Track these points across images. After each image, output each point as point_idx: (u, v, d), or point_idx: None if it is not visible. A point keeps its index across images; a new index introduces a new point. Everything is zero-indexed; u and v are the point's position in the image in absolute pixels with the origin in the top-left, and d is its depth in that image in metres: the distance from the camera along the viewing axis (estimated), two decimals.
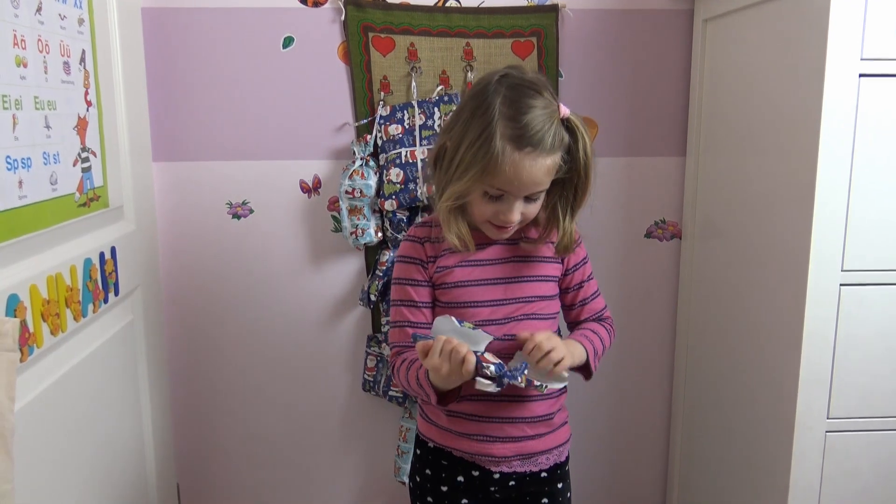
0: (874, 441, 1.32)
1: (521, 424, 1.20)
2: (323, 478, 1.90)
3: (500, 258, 1.19)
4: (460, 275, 1.18)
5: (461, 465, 1.22)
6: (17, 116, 1.05)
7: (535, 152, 1.05)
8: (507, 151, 1.04)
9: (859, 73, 1.19)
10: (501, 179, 1.06)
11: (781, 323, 1.34)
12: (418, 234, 1.22)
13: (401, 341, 1.20)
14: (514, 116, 1.05)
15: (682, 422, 1.86)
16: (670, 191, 1.82)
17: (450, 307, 1.18)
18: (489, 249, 1.19)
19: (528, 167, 1.05)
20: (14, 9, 1.05)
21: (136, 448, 1.53)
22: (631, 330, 1.88)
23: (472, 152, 1.06)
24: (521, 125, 1.04)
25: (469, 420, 1.19)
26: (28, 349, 1.04)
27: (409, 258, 1.21)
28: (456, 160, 1.09)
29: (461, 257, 1.18)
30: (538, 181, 1.08)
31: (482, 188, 1.09)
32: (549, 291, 1.21)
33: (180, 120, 1.71)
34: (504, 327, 1.17)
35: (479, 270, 1.18)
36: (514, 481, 1.22)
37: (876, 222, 1.24)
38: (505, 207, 1.10)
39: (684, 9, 1.74)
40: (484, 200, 1.10)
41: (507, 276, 1.19)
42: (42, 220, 1.13)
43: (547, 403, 1.21)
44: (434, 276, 1.19)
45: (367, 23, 1.67)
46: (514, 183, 1.06)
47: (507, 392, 1.10)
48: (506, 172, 1.05)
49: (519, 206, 1.10)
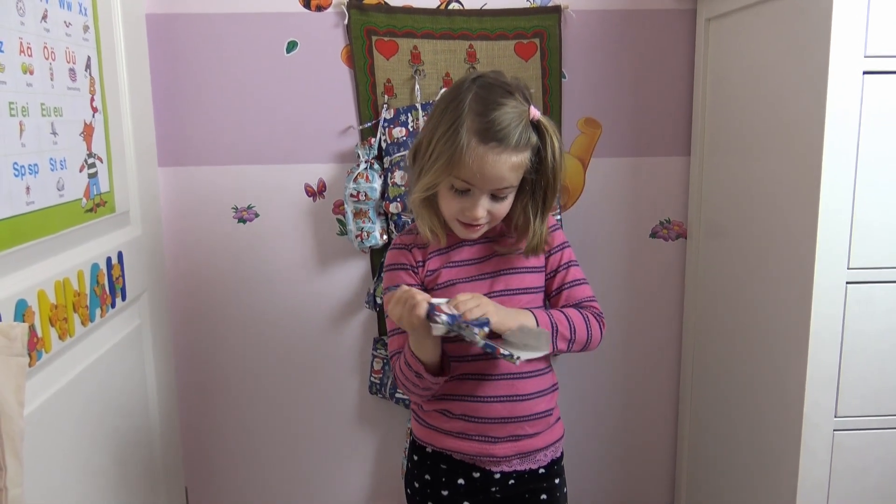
0: (882, 439, 1.32)
1: (521, 423, 1.20)
2: (330, 480, 1.91)
3: (483, 256, 1.22)
4: (446, 275, 1.20)
5: (461, 468, 1.23)
6: (23, 123, 1.05)
7: (499, 147, 1.07)
8: (472, 145, 1.07)
9: (863, 71, 1.19)
10: (466, 172, 1.08)
11: (788, 321, 1.34)
12: (405, 241, 1.24)
13: (399, 348, 1.21)
14: (482, 112, 1.08)
15: (690, 421, 1.85)
16: (675, 191, 1.82)
17: None
18: (471, 248, 1.22)
19: (491, 161, 1.07)
20: (20, 17, 1.06)
21: (144, 451, 1.54)
22: (637, 330, 1.87)
23: (440, 144, 1.09)
24: (488, 120, 1.07)
25: (469, 421, 1.20)
26: (36, 354, 1.05)
27: (397, 265, 1.23)
28: (427, 152, 1.12)
29: (444, 259, 1.21)
30: (502, 176, 1.09)
31: (449, 181, 1.11)
32: (535, 283, 1.22)
33: (185, 125, 1.71)
34: None
35: (464, 270, 1.21)
36: (514, 480, 1.22)
37: (881, 219, 1.24)
38: (470, 203, 1.12)
39: (687, 8, 1.74)
40: (451, 195, 1.13)
41: (491, 271, 1.21)
42: (49, 225, 1.14)
43: (545, 400, 1.22)
44: (425, 279, 1.21)
45: (371, 26, 1.68)
46: (477, 176, 1.08)
47: (507, 392, 1.14)
48: (470, 165, 1.07)
49: (484, 203, 1.12)
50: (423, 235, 1.18)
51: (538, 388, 1.21)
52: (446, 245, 1.21)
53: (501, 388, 1.19)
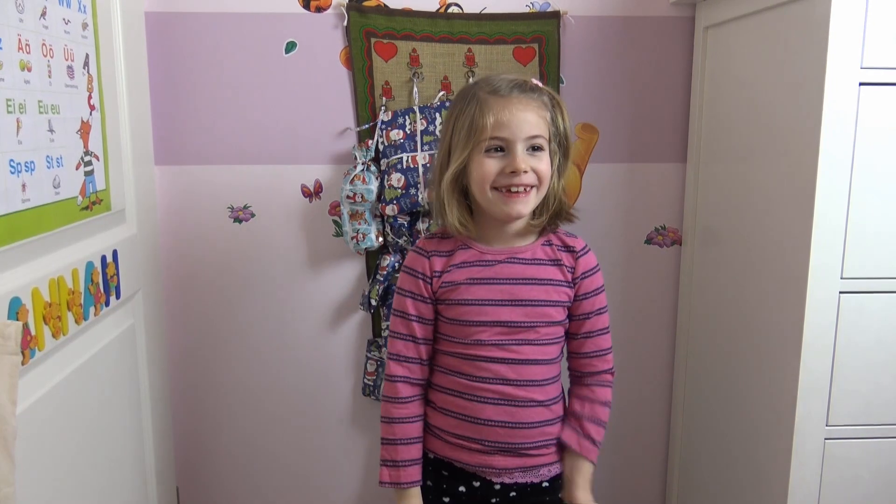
0: (873, 448, 1.32)
1: (523, 447, 1.18)
2: (323, 482, 1.90)
3: (510, 278, 1.17)
4: (464, 292, 1.16)
5: (462, 476, 1.22)
6: (20, 120, 1.05)
7: (520, 95, 1.10)
8: (491, 101, 1.10)
9: (859, 82, 1.20)
10: (494, 124, 1.08)
11: (781, 330, 1.35)
12: (426, 248, 1.20)
13: (396, 352, 1.20)
14: (489, 82, 1.13)
15: (682, 429, 1.86)
16: (671, 197, 1.82)
17: (454, 324, 1.17)
18: (498, 267, 1.17)
19: (515, 105, 1.09)
20: (19, 13, 1.05)
21: (136, 451, 1.53)
22: (631, 336, 1.88)
23: (461, 129, 1.11)
24: (498, 83, 1.12)
25: (468, 440, 1.18)
26: (30, 352, 1.05)
27: (411, 270, 1.20)
28: (452, 149, 1.13)
29: (469, 274, 1.17)
30: (530, 121, 1.10)
31: (480, 147, 1.10)
32: (557, 316, 1.19)
33: (183, 124, 1.71)
34: (505, 350, 1.16)
35: (485, 289, 1.16)
36: (515, 492, 1.21)
37: (875, 230, 1.25)
38: (511, 156, 1.10)
39: (685, 16, 1.74)
40: (485, 159, 1.10)
41: (515, 299, 1.16)
42: (45, 223, 1.13)
43: (551, 429, 1.20)
44: (438, 290, 1.18)
45: (370, 28, 1.68)
46: (506, 125, 1.08)
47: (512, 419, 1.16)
48: (497, 115, 1.08)
49: (523, 154, 1.10)
50: (451, 227, 1.15)
51: (543, 418, 1.19)
52: (471, 258, 1.17)
53: (501, 413, 1.16)
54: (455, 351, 1.18)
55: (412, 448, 1.20)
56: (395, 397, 1.20)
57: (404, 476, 1.19)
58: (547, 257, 1.19)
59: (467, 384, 1.17)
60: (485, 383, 1.17)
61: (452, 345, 1.19)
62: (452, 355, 1.19)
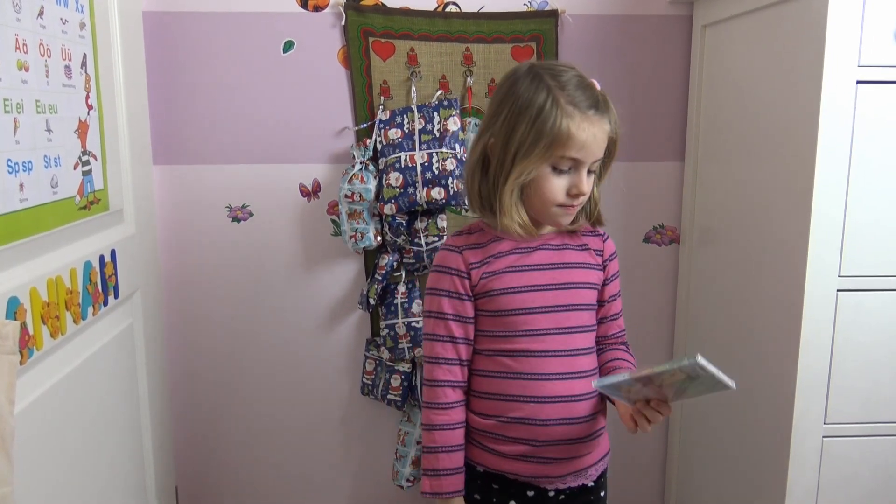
0: (871, 446, 1.32)
1: (578, 445, 1.17)
2: (321, 481, 1.90)
3: (549, 264, 1.15)
4: (508, 281, 1.14)
5: (514, 487, 1.18)
6: (18, 120, 1.05)
7: (595, 115, 1.07)
8: (574, 114, 1.06)
9: (857, 80, 1.20)
10: (573, 146, 1.06)
11: (779, 328, 1.35)
12: (456, 244, 1.17)
13: (434, 355, 1.16)
14: (562, 84, 1.08)
15: (680, 427, 1.86)
16: (669, 196, 1.83)
17: (500, 316, 1.14)
18: (536, 254, 1.16)
19: (594, 128, 1.07)
20: (16, 13, 1.05)
21: (135, 450, 1.53)
22: (629, 334, 1.86)
23: (534, 130, 1.06)
24: (576, 95, 1.07)
25: (528, 445, 1.15)
26: (28, 352, 1.05)
27: (444, 268, 1.16)
28: (513, 146, 1.08)
29: (509, 262, 1.15)
30: (601, 145, 1.09)
31: (551, 162, 1.07)
32: (592, 300, 1.19)
33: (181, 123, 1.71)
34: (556, 340, 1.14)
35: (526, 276, 1.14)
36: (565, 496, 1.19)
37: (873, 228, 1.25)
38: (576, 178, 1.09)
39: (683, 14, 1.74)
40: (553, 176, 1.09)
41: (559, 283, 1.15)
42: (42, 223, 1.13)
43: (599, 420, 1.19)
44: (478, 283, 1.14)
45: (368, 27, 1.68)
46: (584, 147, 1.06)
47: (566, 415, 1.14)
48: (577, 136, 1.06)
49: (586, 177, 1.10)
50: (510, 231, 1.12)
51: (595, 410, 1.17)
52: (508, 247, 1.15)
53: (560, 410, 1.14)
54: (502, 349, 1.14)
55: (454, 456, 1.15)
56: (437, 402, 1.15)
57: (446, 485, 1.15)
58: (574, 243, 1.20)
59: (522, 384, 1.13)
60: (540, 380, 1.13)
61: (498, 341, 1.14)
62: (500, 354, 1.14)
